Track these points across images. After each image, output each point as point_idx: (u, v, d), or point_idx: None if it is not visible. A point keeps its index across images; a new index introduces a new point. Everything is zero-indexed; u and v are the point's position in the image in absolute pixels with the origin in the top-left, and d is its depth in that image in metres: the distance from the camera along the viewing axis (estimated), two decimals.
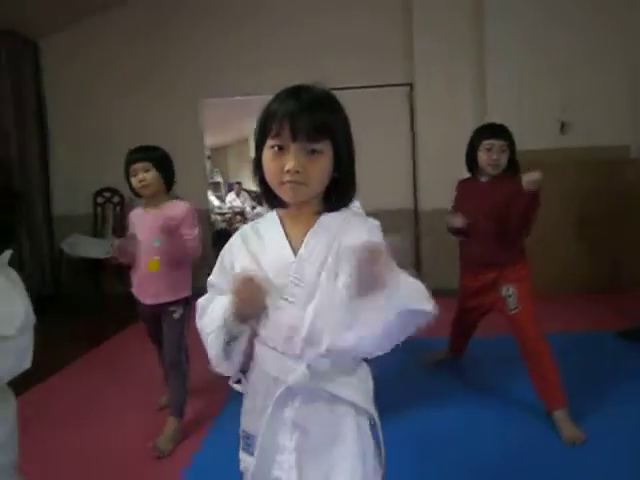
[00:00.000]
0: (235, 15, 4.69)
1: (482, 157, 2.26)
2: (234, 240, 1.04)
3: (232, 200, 9.89)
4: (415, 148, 4.60)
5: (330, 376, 0.94)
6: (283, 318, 0.92)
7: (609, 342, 2.98)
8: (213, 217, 7.31)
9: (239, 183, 10.69)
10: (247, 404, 1.03)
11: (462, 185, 2.47)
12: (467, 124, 4.19)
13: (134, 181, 2.11)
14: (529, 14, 4.06)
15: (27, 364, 1.06)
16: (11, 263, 1.09)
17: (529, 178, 2.02)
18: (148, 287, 2.14)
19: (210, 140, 11.05)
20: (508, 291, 2.23)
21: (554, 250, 3.89)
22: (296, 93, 0.94)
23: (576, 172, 3.95)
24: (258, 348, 0.98)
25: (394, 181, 4.60)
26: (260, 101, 0.98)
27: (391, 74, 4.58)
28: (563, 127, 4.07)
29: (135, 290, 2.20)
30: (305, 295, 0.92)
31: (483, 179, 2.34)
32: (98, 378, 2.86)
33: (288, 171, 0.91)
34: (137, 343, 2.87)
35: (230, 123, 8.39)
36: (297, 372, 0.92)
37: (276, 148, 0.92)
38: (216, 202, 9.43)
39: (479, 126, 2.41)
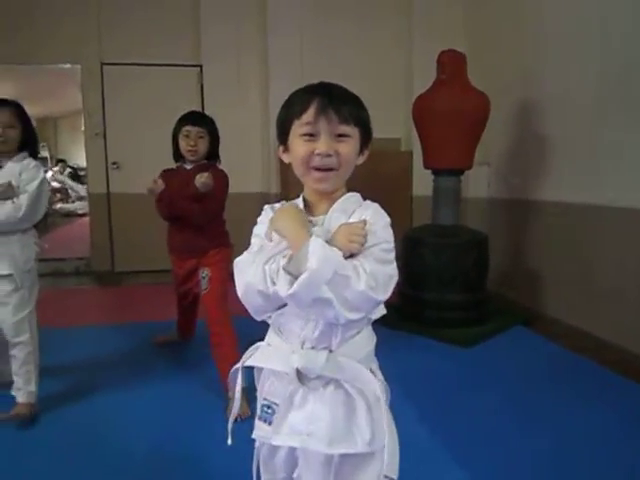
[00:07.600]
0: None
1: (181, 144, 2.30)
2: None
3: (50, 178, 9.51)
4: None
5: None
6: None
7: None
8: None
9: (63, 161, 10.22)
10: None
11: (165, 175, 2.39)
12: (255, 110, 4.58)
13: None
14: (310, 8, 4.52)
15: None
16: None
17: (200, 178, 2.15)
18: None
19: (35, 109, 10.12)
20: (203, 273, 2.33)
21: None
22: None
23: None
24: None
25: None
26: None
27: (181, 54, 4.75)
28: None
29: None
30: None
31: (187, 167, 2.36)
32: None
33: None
34: None
35: (61, 92, 7.97)
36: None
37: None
38: None
39: (181, 115, 2.38)
